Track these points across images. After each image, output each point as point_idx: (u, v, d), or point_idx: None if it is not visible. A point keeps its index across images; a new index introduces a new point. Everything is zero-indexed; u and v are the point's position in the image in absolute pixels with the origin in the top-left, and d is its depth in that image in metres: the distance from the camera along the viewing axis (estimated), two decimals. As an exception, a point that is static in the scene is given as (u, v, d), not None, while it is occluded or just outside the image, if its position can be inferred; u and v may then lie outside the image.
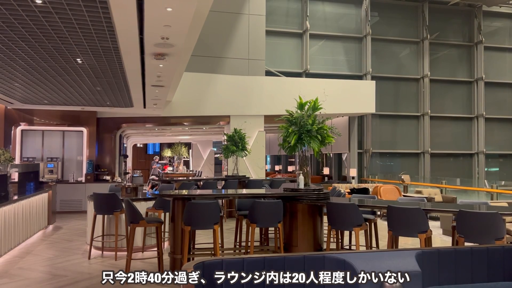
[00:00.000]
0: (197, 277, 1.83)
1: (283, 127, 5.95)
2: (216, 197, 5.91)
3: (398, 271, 1.96)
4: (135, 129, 17.33)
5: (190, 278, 1.85)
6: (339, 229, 5.71)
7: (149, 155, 29.04)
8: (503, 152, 20.91)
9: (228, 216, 10.12)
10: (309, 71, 16.85)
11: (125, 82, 7.94)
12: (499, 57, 20.70)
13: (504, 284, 2.13)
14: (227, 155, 11.17)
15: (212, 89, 13.00)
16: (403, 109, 19.03)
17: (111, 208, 6.26)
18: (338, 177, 18.39)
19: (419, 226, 4.84)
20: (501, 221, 4.52)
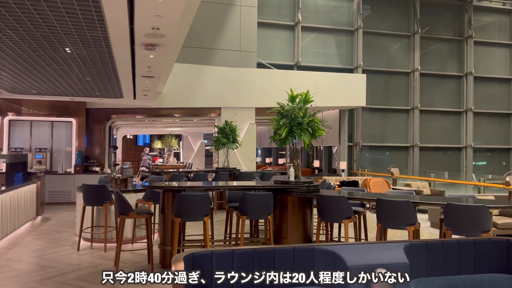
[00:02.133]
0: (197, 277, 1.82)
1: (274, 119, 5.95)
2: (206, 189, 5.91)
3: (387, 263, 1.98)
4: (125, 120, 17.20)
5: (190, 278, 1.84)
6: (329, 221, 5.76)
7: (139, 147, 28.88)
8: (490, 146, 21.18)
9: (218, 208, 10.13)
10: (301, 64, 16.83)
11: (115, 73, 7.86)
12: (488, 52, 20.88)
13: (490, 275, 2.17)
14: (218, 147, 11.15)
15: (203, 81, 12.92)
16: (393, 103, 19.14)
17: (101, 199, 6.23)
18: (328, 170, 18.48)
19: (407, 219, 4.89)
20: (487, 214, 4.59)
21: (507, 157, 21.53)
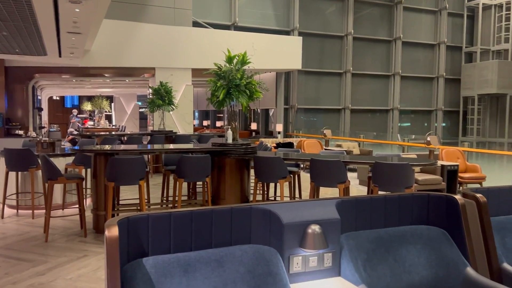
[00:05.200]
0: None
1: (212, 81, 5.85)
2: (141, 152, 5.75)
3: (320, 219, 2.07)
4: (50, 80, 16.06)
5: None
6: (265, 181, 5.90)
7: (67, 109, 27.23)
8: (414, 109, 22.62)
9: (154, 172, 9.95)
10: (238, 24, 16.54)
11: (37, 28, 7.20)
12: (416, 18, 21.86)
13: (412, 227, 2.36)
14: (152, 109, 10.80)
15: (135, 39, 12.26)
16: (327, 66, 19.60)
17: (26, 164, 5.84)
18: (265, 132, 18.77)
19: (339, 177, 5.15)
20: (411, 171, 4.95)
21: (429, 119, 23.22)
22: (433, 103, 22.81)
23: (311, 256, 2.04)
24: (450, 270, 2.21)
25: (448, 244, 2.28)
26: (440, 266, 2.22)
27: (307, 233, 2.01)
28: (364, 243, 2.17)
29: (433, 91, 22.75)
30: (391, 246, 2.22)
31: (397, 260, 2.19)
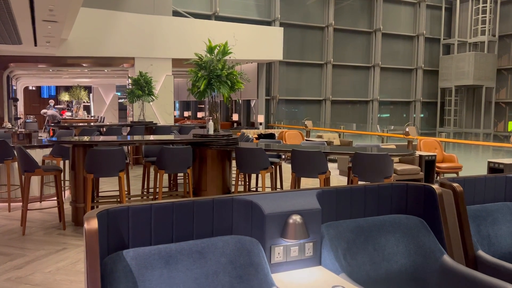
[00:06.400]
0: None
1: (192, 71, 5.79)
2: (121, 143, 5.67)
3: (301, 209, 2.09)
4: (26, 70, 15.64)
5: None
6: (247, 172, 5.90)
7: (44, 99, 26.57)
8: (394, 100, 22.95)
9: (134, 163, 9.84)
10: (219, 14, 16.38)
11: (10, 15, 6.98)
12: (395, 10, 22.07)
13: (391, 216, 2.40)
14: (132, 100, 10.63)
15: (114, 28, 12.02)
16: (308, 57, 19.65)
17: (1, 156, 5.69)
18: (246, 123, 18.76)
19: (319, 168, 5.20)
20: (390, 161, 5.03)
21: (407, 110, 23.60)
22: (412, 94, 23.16)
23: (292, 246, 2.06)
24: (428, 258, 2.26)
25: (426, 233, 2.34)
26: (418, 254, 2.28)
27: (288, 223, 2.02)
28: (344, 233, 2.20)
29: (412, 83, 23.10)
30: (371, 235, 2.25)
31: (377, 249, 2.23)
